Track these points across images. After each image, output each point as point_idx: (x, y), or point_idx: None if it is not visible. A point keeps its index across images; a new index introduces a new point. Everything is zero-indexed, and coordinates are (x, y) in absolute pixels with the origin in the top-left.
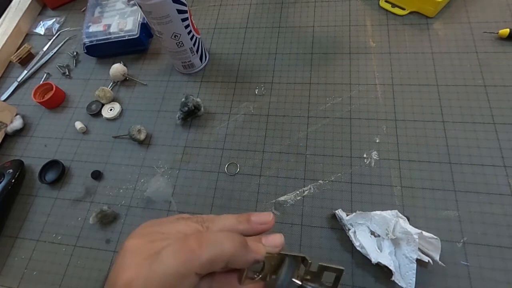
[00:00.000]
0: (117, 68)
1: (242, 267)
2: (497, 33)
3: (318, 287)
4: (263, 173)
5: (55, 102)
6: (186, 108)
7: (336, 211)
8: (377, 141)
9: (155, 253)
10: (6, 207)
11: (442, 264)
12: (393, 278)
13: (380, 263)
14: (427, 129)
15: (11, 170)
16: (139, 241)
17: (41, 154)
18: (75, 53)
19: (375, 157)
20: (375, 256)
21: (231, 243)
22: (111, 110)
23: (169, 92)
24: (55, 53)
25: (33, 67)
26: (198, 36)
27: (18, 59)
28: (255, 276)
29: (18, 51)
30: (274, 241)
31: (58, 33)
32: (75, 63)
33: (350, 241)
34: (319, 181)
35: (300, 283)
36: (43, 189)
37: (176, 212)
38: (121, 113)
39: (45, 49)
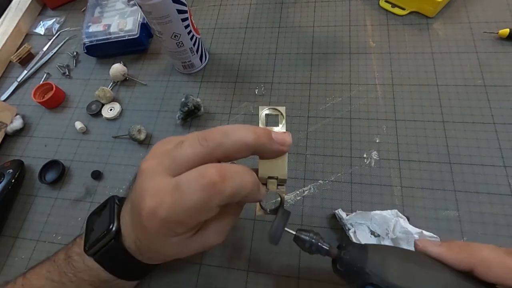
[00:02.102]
0: (117, 68)
1: (250, 202)
2: (497, 33)
3: (313, 236)
4: None
5: (55, 102)
6: (186, 108)
7: (336, 211)
8: (377, 141)
9: (175, 183)
10: (6, 207)
11: None
12: None
13: None
14: (427, 129)
15: (11, 170)
16: (153, 161)
17: (41, 154)
18: (75, 53)
19: (375, 157)
20: None
21: (250, 179)
22: (111, 110)
23: (169, 92)
24: (55, 53)
25: (33, 67)
26: (198, 36)
27: (18, 59)
28: (267, 211)
29: (18, 51)
30: (284, 138)
31: (58, 33)
32: (75, 63)
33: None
34: (319, 181)
35: (294, 232)
36: (43, 189)
37: None
38: (121, 113)
39: (45, 49)
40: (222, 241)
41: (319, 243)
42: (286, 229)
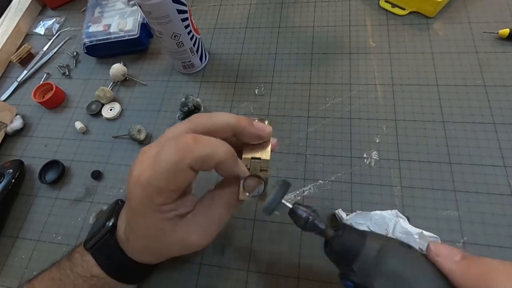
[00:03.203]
0: (117, 68)
1: (228, 175)
2: (497, 33)
3: (310, 212)
4: None
5: (55, 102)
6: (186, 108)
7: (336, 211)
8: (377, 141)
9: (157, 152)
10: (6, 207)
11: None
12: None
13: None
14: (427, 129)
15: (11, 170)
16: (150, 145)
17: (41, 154)
18: (75, 53)
19: (375, 157)
20: None
21: (223, 148)
22: (111, 110)
23: (169, 92)
24: (55, 53)
25: (33, 67)
26: (198, 36)
27: (18, 59)
28: (253, 196)
29: (18, 51)
30: (264, 126)
31: (58, 33)
32: (75, 63)
33: None
34: (319, 181)
35: (291, 205)
36: (43, 189)
37: None
38: (121, 113)
39: (45, 49)
40: (205, 245)
41: (316, 221)
42: (283, 201)
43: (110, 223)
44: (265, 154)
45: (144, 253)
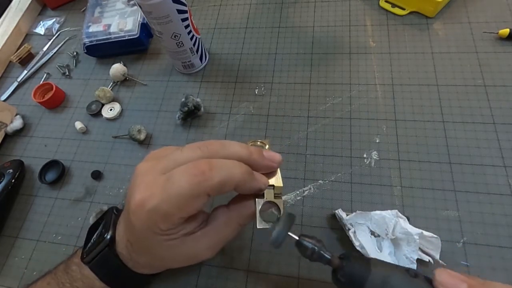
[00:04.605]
0: (117, 68)
1: (248, 193)
2: (497, 33)
3: (315, 243)
4: None
5: (55, 102)
6: (186, 108)
7: (336, 211)
8: (377, 141)
9: (167, 176)
10: (6, 207)
11: (443, 262)
12: None
13: None
14: (427, 129)
15: (11, 170)
16: (148, 163)
17: (41, 154)
18: (75, 53)
19: (375, 157)
20: (375, 256)
21: (239, 169)
22: (111, 110)
23: (169, 92)
24: (55, 53)
25: (33, 67)
26: (198, 36)
27: (18, 59)
28: (268, 224)
29: (18, 51)
30: (274, 156)
31: (58, 33)
32: (75, 63)
33: (350, 241)
34: (319, 181)
35: (297, 238)
36: (43, 189)
37: None
38: (121, 113)
39: (45, 49)
40: (212, 256)
41: (321, 251)
42: (289, 233)
43: (108, 236)
44: (278, 181)
45: (147, 267)
